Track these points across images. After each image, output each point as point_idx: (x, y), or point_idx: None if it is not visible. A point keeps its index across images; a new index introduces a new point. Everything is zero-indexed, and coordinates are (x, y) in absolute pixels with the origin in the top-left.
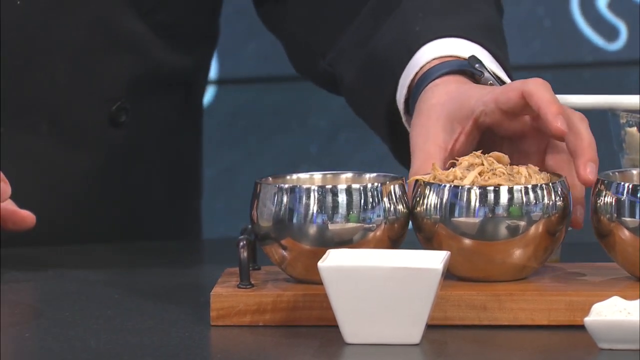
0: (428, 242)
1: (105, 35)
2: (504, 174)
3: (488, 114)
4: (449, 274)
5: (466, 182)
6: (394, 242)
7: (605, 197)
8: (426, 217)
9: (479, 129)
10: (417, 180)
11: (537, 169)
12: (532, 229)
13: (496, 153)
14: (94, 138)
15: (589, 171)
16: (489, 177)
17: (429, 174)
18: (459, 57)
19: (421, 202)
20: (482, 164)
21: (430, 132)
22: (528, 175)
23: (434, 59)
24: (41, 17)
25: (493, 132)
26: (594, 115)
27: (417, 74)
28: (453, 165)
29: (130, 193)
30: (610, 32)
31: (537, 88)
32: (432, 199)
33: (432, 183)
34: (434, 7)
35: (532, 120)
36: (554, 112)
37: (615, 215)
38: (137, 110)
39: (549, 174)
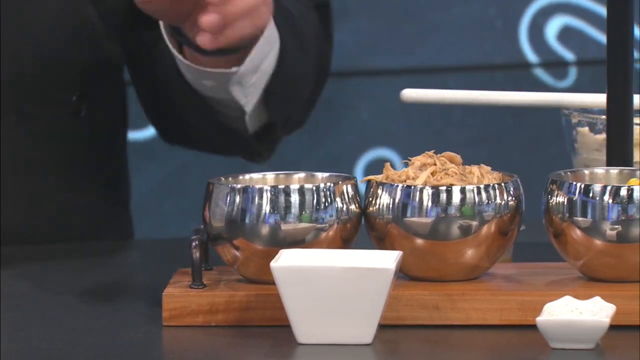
0: (380, 242)
1: (67, 24)
2: (456, 173)
3: None
4: (402, 274)
5: (418, 182)
6: (347, 242)
7: (557, 197)
8: (379, 217)
9: None
10: (369, 180)
11: (489, 168)
12: (485, 229)
13: (449, 153)
14: (58, 129)
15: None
16: (441, 177)
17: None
18: None
19: (374, 202)
20: (435, 164)
21: None
22: (480, 175)
23: None
24: (10, 6)
25: None
26: (546, 115)
27: None
28: (406, 165)
29: (88, 189)
30: (560, 71)
31: None
32: (384, 198)
33: (385, 183)
34: None
35: None
36: None
37: (567, 215)
38: (94, 101)
39: (501, 174)
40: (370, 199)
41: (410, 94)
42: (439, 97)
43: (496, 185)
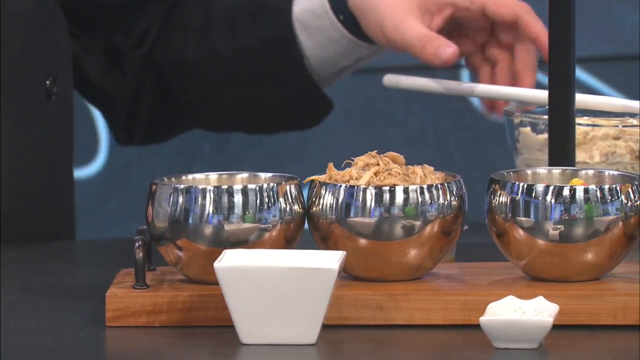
0: (324, 242)
1: (43, 7)
2: (399, 174)
3: (470, 11)
4: (345, 274)
5: (362, 182)
6: (290, 242)
7: (500, 196)
8: (322, 217)
9: (451, 18)
10: (312, 180)
11: (432, 169)
12: (428, 229)
13: (392, 153)
14: (36, 112)
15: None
16: (384, 177)
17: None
18: None
19: (317, 202)
20: (378, 164)
21: (407, 10)
22: (423, 176)
23: None
24: None
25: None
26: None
27: None
28: (349, 165)
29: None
30: None
31: (531, 19)
32: (327, 199)
33: (328, 183)
34: None
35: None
36: (546, 45)
37: (510, 214)
38: (64, 84)
39: (444, 174)
40: (314, 199)
41: (391, 79)
42: (419, 84)
43: (439, 185)
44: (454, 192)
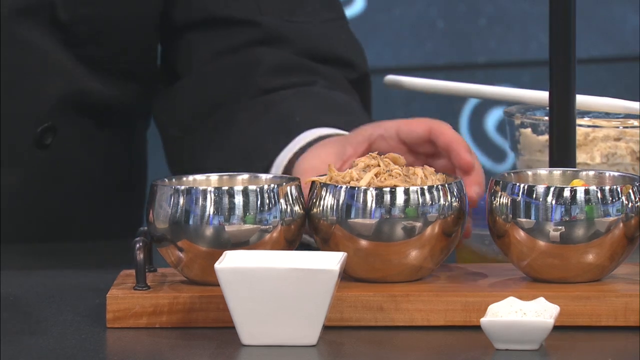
0: (325, 243)
1: (34, 59)
2: (400, 175)
3: (386, 139)
4: (346, 275)
5: (362, 184)
6: (291, 243)
7: (500, 197)
8: (323, 219)
9: (369, 151)
10: (313, 182)
11: (432, 170)
12: (428, 230)
13: (392, 154)
14: (20, 158)
15: (475, 191)
16: (385, 178)
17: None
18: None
19: (318, 203)
20: (379, 165)
21: (320, 157)
22: (424, 177)
23: (320, 137)
24: None
25: None
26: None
27: (299, 149)
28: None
29: (53, 211)
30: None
31: (444, 127)
32: (328, 200)
33: (329, 184)
34: (309, 106)
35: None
36: (465, 148)
37: (511, 215)
38: (63, 132)
39: (444, 175)
40: (314, 200)
41: (392, 79)
42: (419, 84)
43: (440, 187)
44: (455, 193)
